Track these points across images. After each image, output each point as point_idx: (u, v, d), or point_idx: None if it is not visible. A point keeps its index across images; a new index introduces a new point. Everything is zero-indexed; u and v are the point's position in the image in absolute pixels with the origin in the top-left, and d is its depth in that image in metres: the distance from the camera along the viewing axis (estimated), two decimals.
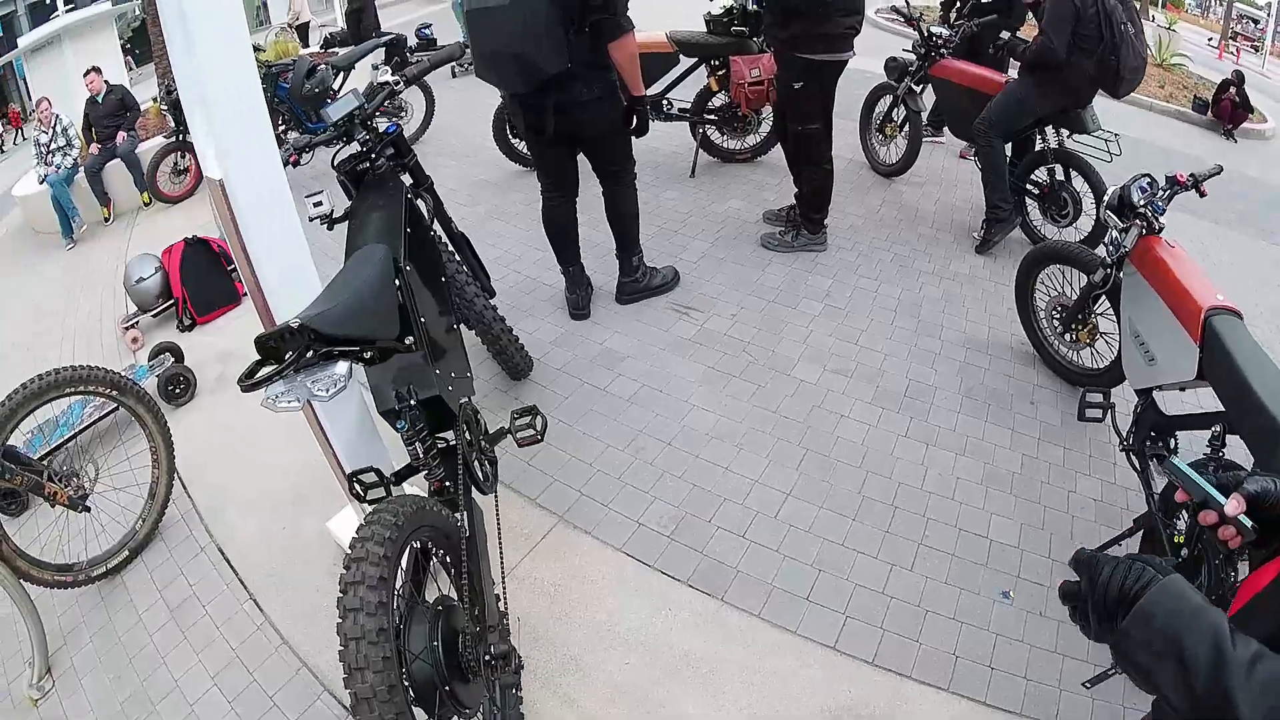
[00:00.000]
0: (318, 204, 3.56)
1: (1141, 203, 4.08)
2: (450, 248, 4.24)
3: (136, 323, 6.38)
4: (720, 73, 7.30)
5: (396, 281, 2.98)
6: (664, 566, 3.77)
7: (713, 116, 7.68)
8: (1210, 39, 32.04)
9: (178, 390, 5.29)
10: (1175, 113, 14.62)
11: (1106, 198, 4.32)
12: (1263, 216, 9.70)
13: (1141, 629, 1.30)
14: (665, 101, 7.53)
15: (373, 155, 3.72)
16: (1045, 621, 3.72)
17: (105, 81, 9.73)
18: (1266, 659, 1.16)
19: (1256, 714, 1.11)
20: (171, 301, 6.40)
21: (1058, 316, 5.14)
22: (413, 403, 2.93)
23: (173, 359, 5.55)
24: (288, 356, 2.24)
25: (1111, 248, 4.31)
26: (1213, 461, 3.33)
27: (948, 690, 3.41)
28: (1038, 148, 6.58)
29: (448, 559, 2.79)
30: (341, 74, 6.40)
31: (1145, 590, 1.33)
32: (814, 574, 3.76)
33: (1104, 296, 4.61)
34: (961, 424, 4.75)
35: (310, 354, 2.28)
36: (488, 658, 2.55)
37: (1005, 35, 6.92)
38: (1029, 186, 6.73)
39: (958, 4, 8.26)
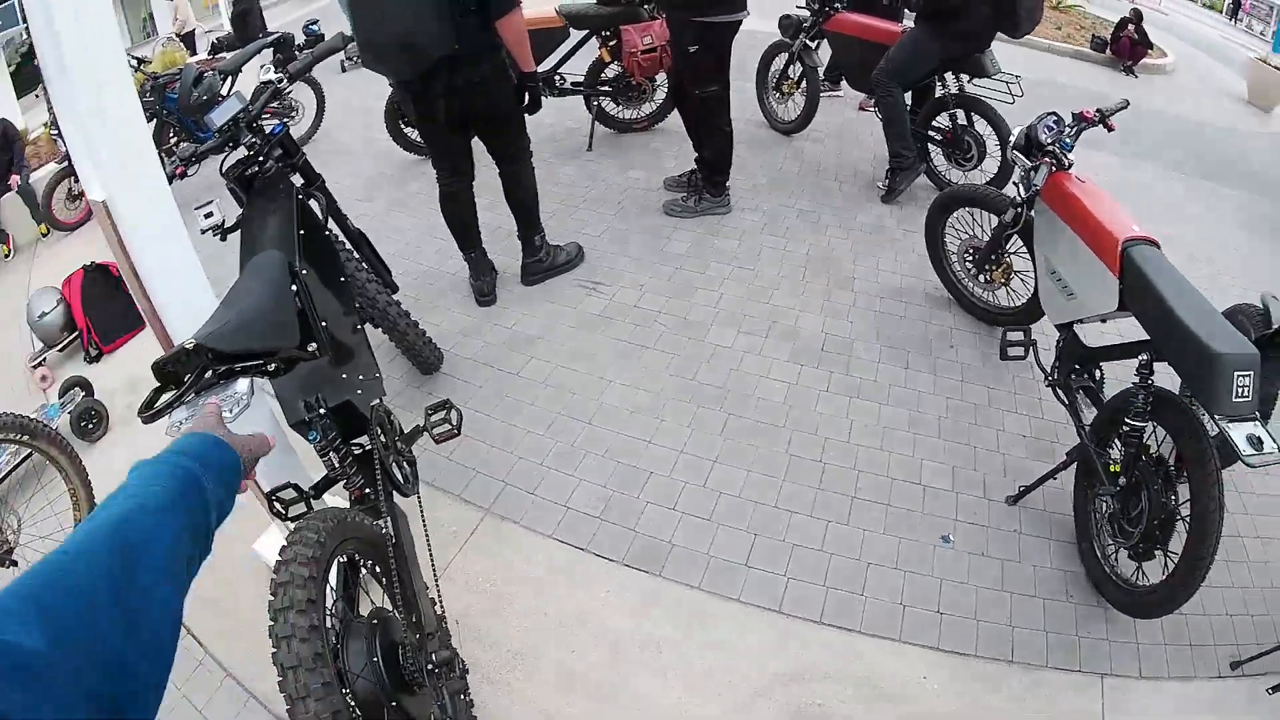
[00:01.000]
0: (208, 215, 3.42)
1: (1049, 140, 4.16)
2: (348, 246, 4.13)
3: (44, 360, 6.08)
4: (612, 43, 7.26)
5: (294, 287, 2.88)
6: (597, 549, 3.75)
7: (607, 88, 7.62)
8: None
9: (90, 425, 5.07)
10: (1074, 53, 15.02)
11: (1013, 138, 4.41)
12: (1168, 148, 10.04)
13: None
14: (559, 76, 7.46)
15: (260, 158, 3.60)
16: (988, 561, 3.81)
17: None
18: None
19: None
20: (76, 333, 6.14)
21: (970, 259, 5.22)
22: (322, 411, 2.85)
23: (83, 393, 5.31)
24: (186, 379, 2.13)
25: (1021, 187, 4.39)
26: (1143, 390, 3.41)
27: (899, 640, 3.47)
28: (938, 94, 6.67)
29: (377, 569, 2.73)
30: (229, 79, 6.22)
31: None
32: (750, 538, 3.78)
33: (1016, 236, 4.69)
34: (883, 374, 4.82)
35: (209, 374, 2.18)
36: (431, 666, 2.50)
37: None
38: (931, 133, 6.83)
39: None
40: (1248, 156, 10.49)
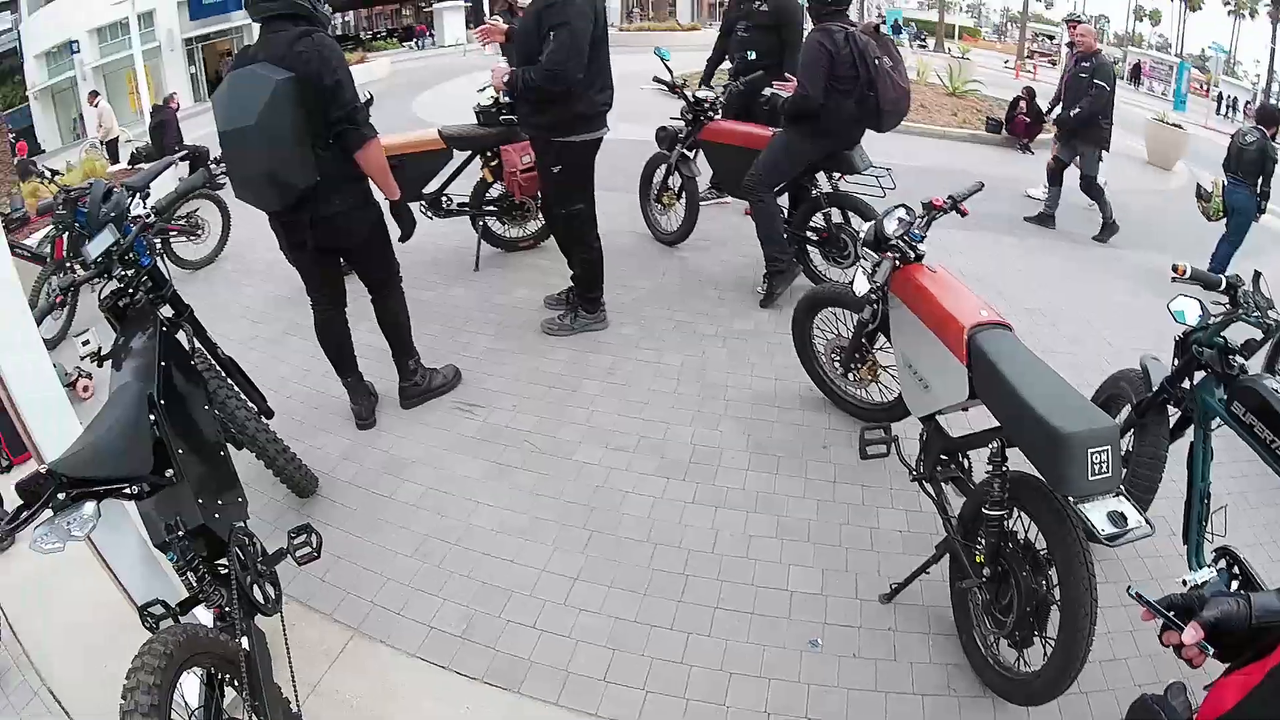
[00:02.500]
0: (85, 343, 3.75)
1: (897, 233, 4.30)
2: (221, 372, 4.35)
3: None
4: (494, 163, 7.50)
5: (151, 417, 3.13)
6: (458, 667, 3.84)
7: (491, 208, 7.88)
8: (1006, 61, 34.19)
9: None
10: (970, 136, 15.71)
11: (862, 235, 4.52)
12: (1062, 220, 10.36)
13: None
14: (445, 198, 7.71)
15: (131, 290, 3.84)
16: (861, 662, 3.87)
17: None
18: None
19: None
20: None
21: (838, 358, 5.39)
22: (180, 534, 3.03)
23: None
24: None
25: (871, 283, 4.50)
26: (998, 478, 3.49)
27: None
28: (813, 195, 6.93)
29: (235, 683, 2.90)
30: (136, 195, 6.38)
31: None
32: (608, 654, 3.86)
33: (879, 332, 4.82)
34: (751, 481, 4.95)
35: (62, 496, 2.48)
36: None
37: (768, 91, 7.25)
38: (808, 233, 7.13)
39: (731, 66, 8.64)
40: (1144, 217, 10.93)
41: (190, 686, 2.71)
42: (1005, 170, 10.73)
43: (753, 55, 8.15)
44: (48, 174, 9.58)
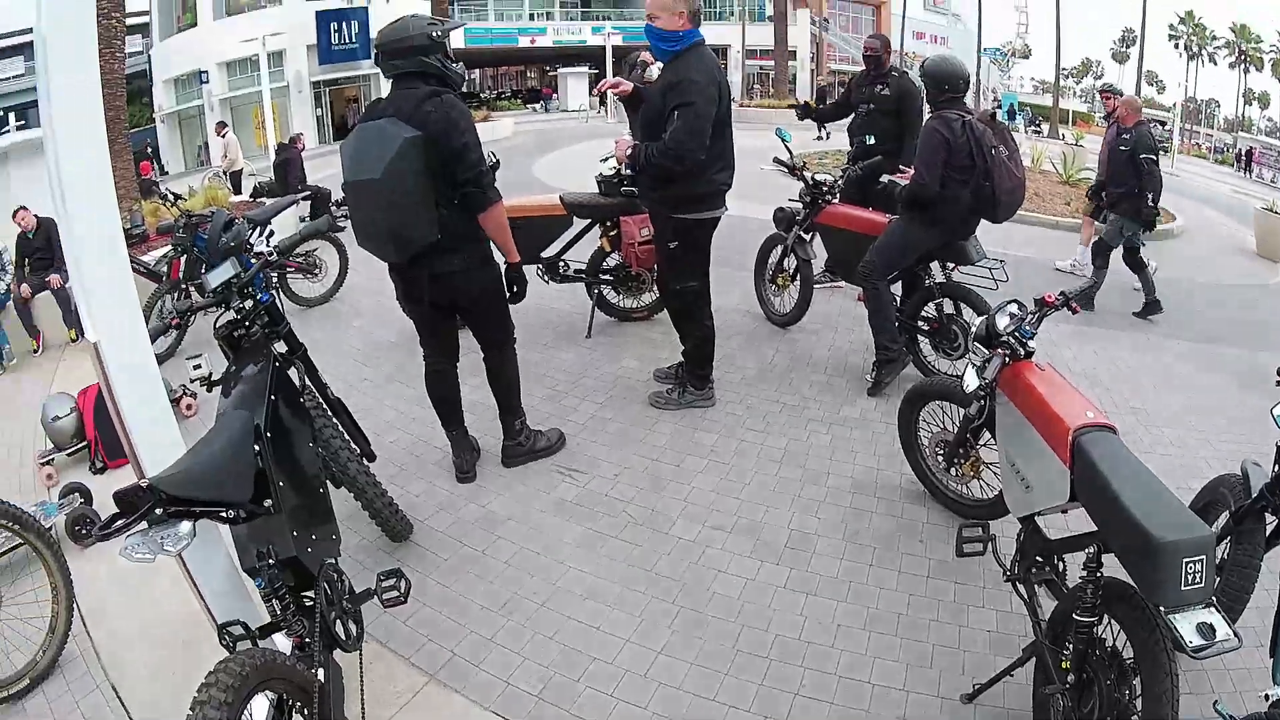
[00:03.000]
0: (196, 366, 4.07)
1: (1008, 329, 4.33)
2: (327, 411, 4.60)
3: (52, 459, 6.62)
4: (612, 233, 7.73)
5: (256, 446, 3.36)
6: None
7: (607, 277, 8.15)
8: None
9: (83, 531, 5.46)
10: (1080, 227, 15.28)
11: (973, 329, 4.56)
12: (1172, 313, 10.35)
13: None
14: (562, 263, 7.97)
15: (247, 323, 4.12)
16: None
17: (35, 217, 10.12)
18: None
19: None
20: (84, 443, 6.66)
21: (941, 452, 5.43)
22: (271, 562, 3.25)
23: (81, 500, 5.77)
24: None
25: (980, 379, 4.53)
26: (1091, 583, 3.46)
27: None
28: (926, 284, 7.03)
29: (306, 711, 3.06)
30: (258, 228, 6.70)
31: None
32: None
33: (984, 428, 4.86)
34: (844, 570, 4.99)
35: (159, 512, 2.67)
36: None
37: (885, 178, 7.35)
38: (919, 323, 7.20)
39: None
40: (1252, 312, 10.73)
41: (260, 708, 2.90)
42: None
43: (871, 140, 8.35)
44: (170, 196, 10.10)
